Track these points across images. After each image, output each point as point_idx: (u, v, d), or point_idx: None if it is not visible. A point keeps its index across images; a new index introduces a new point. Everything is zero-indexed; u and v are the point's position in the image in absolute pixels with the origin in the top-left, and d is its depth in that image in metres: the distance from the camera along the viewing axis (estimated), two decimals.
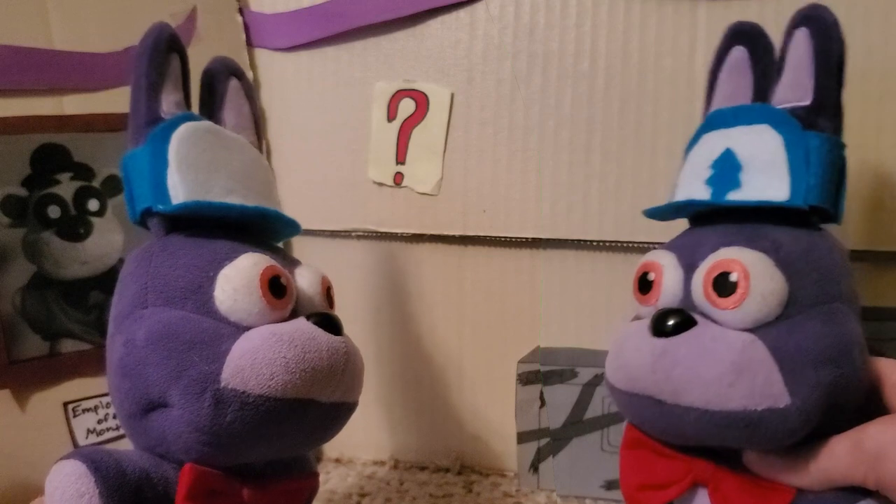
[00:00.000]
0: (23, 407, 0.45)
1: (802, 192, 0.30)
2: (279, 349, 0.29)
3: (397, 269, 0.54)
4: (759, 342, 0.28)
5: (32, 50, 0.44)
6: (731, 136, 0.32)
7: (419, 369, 0.55)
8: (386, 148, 0.52)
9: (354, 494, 0.51)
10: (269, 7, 0.54)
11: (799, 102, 0.31)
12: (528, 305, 0.52)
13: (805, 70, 0.31)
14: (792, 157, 0.30)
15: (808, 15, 0.32)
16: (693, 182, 0.33)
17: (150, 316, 0.30)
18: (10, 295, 0.44)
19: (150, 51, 0.33)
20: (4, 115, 0.44)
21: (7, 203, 0.44)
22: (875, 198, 0.44)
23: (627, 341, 0.32)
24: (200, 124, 0.33)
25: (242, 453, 0.30)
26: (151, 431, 0.30)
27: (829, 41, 0.31)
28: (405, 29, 0.51)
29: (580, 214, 0.49)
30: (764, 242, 0.30)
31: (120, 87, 0.47)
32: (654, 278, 0.32)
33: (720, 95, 0.36)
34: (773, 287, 0.28)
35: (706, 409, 0.28)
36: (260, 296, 0.30)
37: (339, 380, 0.32)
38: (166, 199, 0.31)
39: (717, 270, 0.29)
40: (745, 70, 0.35)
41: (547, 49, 0.48)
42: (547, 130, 0.49)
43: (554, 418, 0.50)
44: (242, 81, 0.39)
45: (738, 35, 0.35)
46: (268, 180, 0.37)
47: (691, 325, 0.29)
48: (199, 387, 0.28)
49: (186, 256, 0.31)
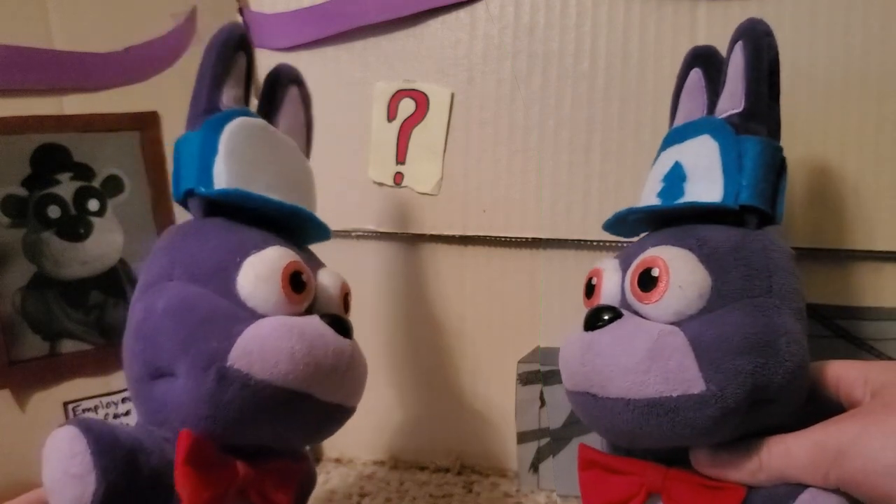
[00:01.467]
0: (23, 407, 0.45)
1: (734, 194, 0.31)
2: (288, 339, 0.30)
3: (397, 269, 0.54)
4: (678, 332, 0.29)
5: (32, 50, 0.45)
6: (681, 150, 0.34)
7: (419, 369, 0.55)
8: (386, 148, 0.52)
9: (354, 494, 0.51)
10: (269, 7, 0.54)
11: (734, 110, 0.33)
12: (528, 305, 0.52)
13: (739, 80, 0.33)
14: (726, 161, 0.32)
15: (744, 28, 0.34)
16: (648, 197, 0.35)
17: (173, 288, 0.31)
18: (11, 295, 0.44)
19: (220, 46, 0.35)
20: (4, 115, 0.44)
21: (7, 203, 0.44)
22: (875, 198, 0.44)
23: (567, 340, 0.33)
24: (254, 121, 0.35)
25: (236, 434, 0.31)
26: (155, 397, 0.31)
27: (759, 50, 0.33)
28: (405, 29, 0.51)
29: (580, 214, 0.49)
30: (690, 240, 0.31)
31: (120, 87, 0.48)
32: (595, 282, 0.34)
33: (680, 116, 0.38)
34: (692, 279, 0.29)
35: (628, 398, 0.29)
36: (280, 287, 0.31)
37: (341, 380, 0.32)
38: (210, 183, 0.33)
39: (642, 267, 0.31)
40: (701, 90, 0.37)
41: (547, 49, 0.48)
42: (547, 130, 0.49)
43: (554, 418, 0.50)
44: (301, 89, 0.41)
45: (696, 58, 0.38)
46: (309, 185, 0.39)
47: (618, 317, 0.30)
48: (206, 361, 0.29)
49: (217, 239, 0.33)
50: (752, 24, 0.34)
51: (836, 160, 0.44)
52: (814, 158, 0.44)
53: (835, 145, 0.44)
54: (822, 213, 0.44)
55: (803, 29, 0.44)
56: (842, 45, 0.44)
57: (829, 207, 0.44)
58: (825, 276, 0.46)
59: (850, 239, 0.44)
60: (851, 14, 0.43)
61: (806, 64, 0.44)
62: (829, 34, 0.44)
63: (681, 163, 0.34)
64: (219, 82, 0.35)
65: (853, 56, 0.44)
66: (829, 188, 0.44)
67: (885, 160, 0.44)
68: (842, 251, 0.45)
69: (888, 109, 0.43)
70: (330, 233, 0.38)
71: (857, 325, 0.45)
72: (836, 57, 0.44)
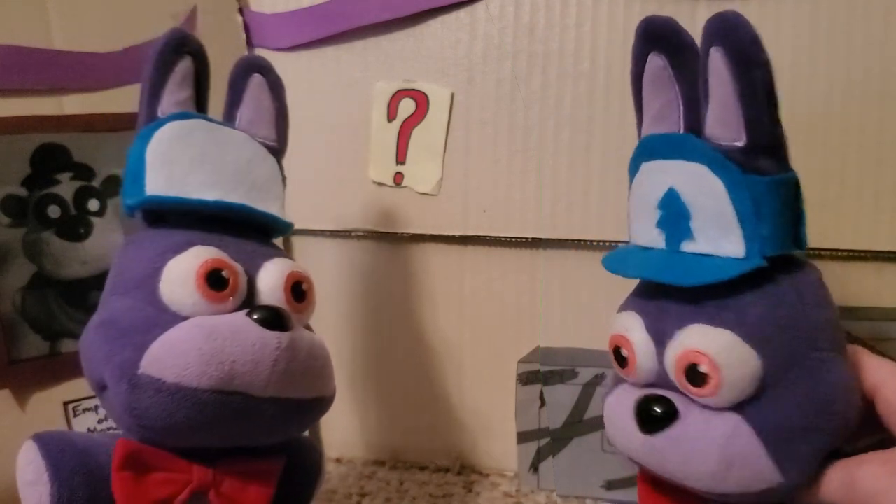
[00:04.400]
0: (23, 407, 0.45)
1: (758, 247, 0.28)
2: (196, 340, 0.29)
3: (397, 269, 0.54)
4: (742, 425, 0.28)
5: (32, 50, 0.44)
6: (669, 171, 0.30)
7: (419, 369, 0.55)
8: (386, 148, 0.52)
9: (354, 494, 0.51)
10: (269, 7, 0.54)
11: (733, 143, 0.28)
12: (528, 305, 0.52)
13: (731, 107, 0.28)
14: (739, 206, 0.28)
15: (720, 32, 0.28)
16: (645, 224, 0.31)
17: (108, 304, 0.32)
18: (11, 295, 0.44)
19: (156, 53, 0.35)
20: (4, 115, 0.44)
21: (7, 203, 0.44)
22: (875, 198, 0.44)
23: (617, 421, 0.31)
24: (188, 122, 0.34)
25: (175, 437, 0.31)
26: (107, 408, 0.33)
27: (749, 70, 0.27)
28: (405, 29, 0.51)
29: (580, 214, 0.49)
30: (728, 315, 0.28)
31: (120, 87, 0.47)
32: (627, 355, 0.31)
33: (650, 114, 0.32)
34: (743, 372, 0.27)
35: (706, 490, 0.28)
36: (195, 287, 0.31)
37: (269, 375, 0.31)
38: (140, 193, 0.33)
39: (686, 361, 0.28)
40: (669, 82, 0.31)
41: (547, 49, 0.48)
42: (547, 130, 0.49)
43: (554, 418, 0.50)
44: (268, 77, 0.39)
45: (654, 40, 0.31)
46: (268, 175, 0.37)
47: (674, 415, 0.29)
48: (121, 371, 0.29)
49: (147, 248, 0.33)
50: (728, 26, 0.28)
51: (837, 160, 0.44)
52: (814, 159, 0.44)
53: (835, 145, 0.44)
54: (822, 213, 0.44)
55: (804, 29, 0.44)
56: (843, 45, 0.44)
57: (829, 207, 0.44)
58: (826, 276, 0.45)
59: (850, 239, 0.44)
60: (852, 14, 0.43)
61: (806, 64, 0.44)
62: (829, 34, 0.44)
63: (676, 191, 0.30)
64: (155, 92, 0.35)
65: (854, 56, 0.44)
66: (829, 188, 0.44)
67: (886, 160, 0.44)
68: (842, 251, 0.45)
69: (889, 109, 0.43)
70: (288, 224, 0.37)
71: (857, 325, 0.45)
72: (837, 57, 0.44)
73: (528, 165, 0.49)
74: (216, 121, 0.36)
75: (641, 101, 0.33)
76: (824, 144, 0.44)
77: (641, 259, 0.31)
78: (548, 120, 0.49)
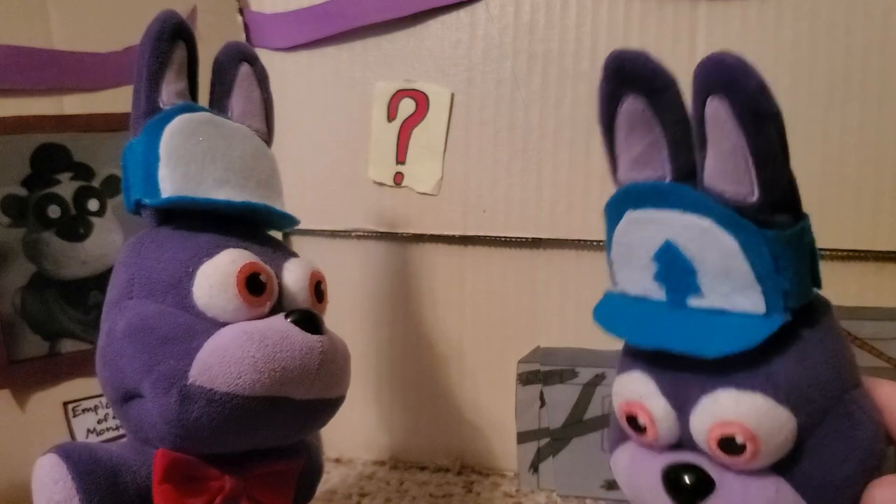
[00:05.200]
0: (23, 407, 0.45)
1: (780, 302, 0.26)
2: (248, 348, 0.29)
3: (397, 269, 0.54)
4: (784, 486, 0.26)
5: (32, 50, 0.44)
6: (664, 222, 0.27)
7: (419, 369, 0.55)
8: (386, 148, 0.52)
9: (354, 494, 0.51)
10: (269, 7, 0.54)
11: (744, 199, 0.26)
12: (528, 305, 0.52)
13: (740, 163, 0.25)
14: (756, 262, 0.26)
15: (724, 82, 0.25)
16: (636, 274, 0.29)
17: (133, 307, 0.31)
18: (10, 295, 0.44)
19: (153, 40, 0.33)
20: (4, 115, 0.44)
21: (7, 203, 0.44)
22: (875, 198, 0.44)
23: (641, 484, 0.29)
24: (196, 116, 0.33)
25: (215, 445, 0.30)
26: (131, 418, 0.31)
27: (762, 124, 0.25)
28: (405, 29, 0.51)
29: (580, 214, 0.49)
30: (758, 379, 0.26)
31: (120, 87, 0.47)
32: (644, 423, 0.28)
33: (628, 157, 0.29)
34: (782, 438, 0.26)
35: None
36: (236, 293, 0.30)
37: (314, 378, 0.31)
38: (156, 192, 0.32)
39: (720, 433, 0.26)
40: (650, 125, 0.28)
41: (547, 49, 0.48)
42: (547, 130, 0.49)
43: (554, 418, 0.50)
44: (255, 67, 0.38)
45: (628, 81, 0.27)
46: (270, 170, 0.37)
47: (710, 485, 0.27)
48: (168, 382, 0.29)
49: (171, 249, 0.31)
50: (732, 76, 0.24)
51: (837, 160, 0.44)
52: (814, 158, 0.44)
53: (835, 145, 0.44)
54: (822, 213, 0.44)
55: (804, 28, 0.44)
56: (842, 45, 0.44)
57: (829, 207, 0.44)
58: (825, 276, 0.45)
59: (850, 239, 0.44)
60: (852, 13, 0.43)
61: (806, 64, 0.44)
62: (829, 34, 0.44)
63: (676, 246, 0.27)
64: (156, 80, 0.33)
65: (854, 55, 0.44)
66: (829, 188, 0.44)
67: (886, 160, 0.44)
68: (842, 251, 0.45)
69: (889, 109, 0.43)
70: (296, 219, 0.37)
71: (857, 325, 0.45)
72: (836, 56, 0.44)
73: (528, 165, 0.49)
74: (218, 114, 0.35)
75: (614, 144, 0.29)
76: (824, 144, 0.44)
77: (642, 315, 0.29)
78: (548, 120, 0.49)
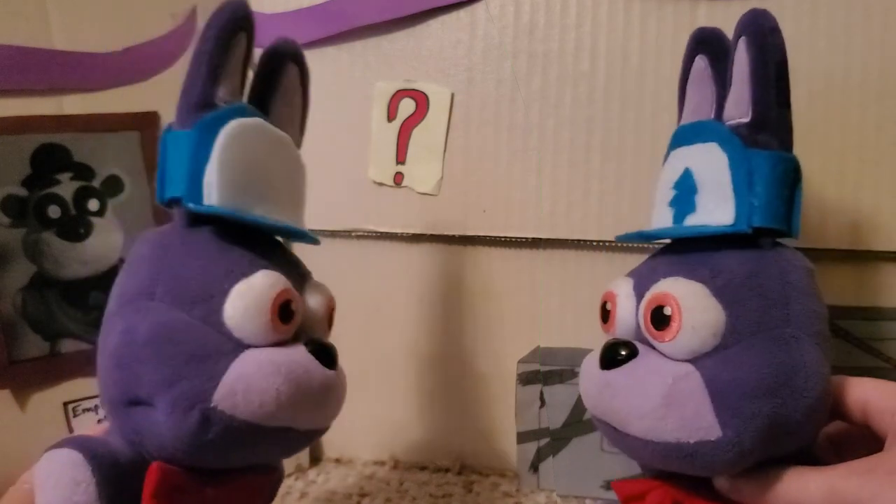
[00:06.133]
0: (23, 407, 0.45)
1: (746, 216, 0.29)
2: (275, 380, 0.29)
3: (397, 269, 0.54)
4: (694, 374, 0.28)
5: (32, 50, 0.44)
6: (690, 154, 0.32)
7: (419, 369, 0.55)
8: (386, 148, 0.52)
9: (354, 494, 0.51)
10: (269, 7, 0.54)
11: (742, 119, 0.30)
12: (528, 305, 0.51)
13: (745, 84, 0.30)
14: (736, 177, 0.30)
15: (746, 23, 0.30)
16: (661, 204, 0.34)
17: (156, 312, 0.29)
18: (11, 295, 0.44)
19: (220, 30, 0.31)
20: (4, 115, 0.44)
21: (7, 203, 0.44)
22: (875, 198, 0.44)
23: (585, 368, 0.33)
24: (251, 122, 0.32)
25: (213, 463, 0.30)
26: (130, 422, 0.30)
27: (764, 52, 0.30)
28: (405, 29, 0.51)
29: (580, 214, 0.49)
30: (702, 271, 0.29)
31: (120, 87, 0.48)
32: (610, 308, 0.33)
33: (688, 109, 0.35)
34: (705, 319, 0.28)
35: (646, 439, 0.29)
36: (269, 319, 0.30)
37: (322, 411, 0.32)
38: (199, 195, 0.30)
39: (654, 304, 0.29)
40: (707, 80, 0.34)
41: (547, 49, 0.48)
42: (547, 130, 0.49)
43: (554, 418, 0.50)
44: (301, 68, 0.37)
45: (700, 43, 0.35)
46: (301, 183, 0.37)
47: (633, 355, 0.30)
48: (190, 401, 0.28)
49: (204, 259, 0.30)
50: (754, 17, 0.30)
51: (837, 160, 0.44)
52: (814, 158, 0.44)
53: (835, 145, 0.44)
54: (822, 213, 0.44)
55: (803, 28, 0.44)
56: (842, 45, 0.44)
57: (829, 207, 0.44)
58: (826, 276, 0.45)
59: (850, 239, 0.44)
60: (851, 13, 0.43)
61: (806, 64, 0.44)
62: (829, 34, 0.44)
63: (691, 171, 0.32)
64: (216, 73, 0.31)
65: (853, 56, 0.44)
66: (829, 188, 0.44)
67: (886, 160, 0.44)
68: (842, 251, 0.45)
69: (888, 109, 0.43)
70: (317, 240, 0.37)
71: (857, 325, 0.45)
72: (836, 56, 0.44)
73: (528, 165, 0.49)
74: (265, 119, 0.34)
75: (684, 101, 0.36)
76: (824, 144, 0.44)
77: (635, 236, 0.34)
78: (548, 120, 0.49)
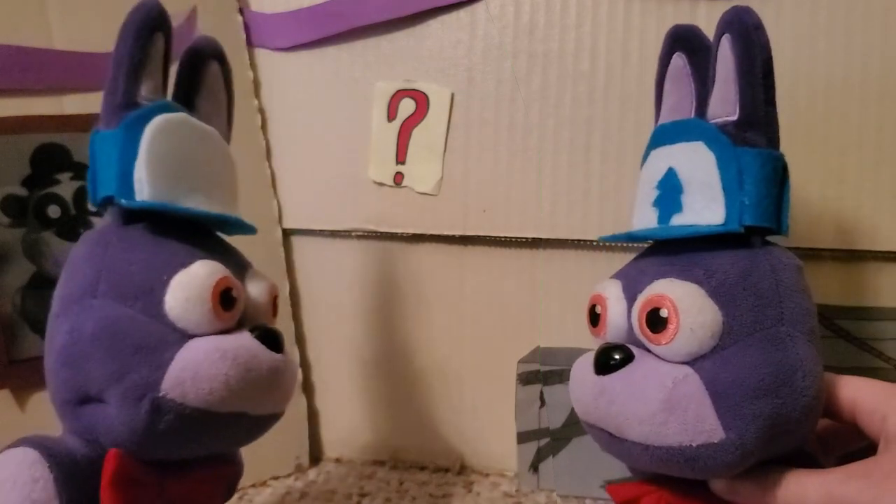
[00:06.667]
0: (22, 407, 0.45)
1: (737, 215, 0.29)
2: (222, 366, 0.29)
3: (397, 269, 0.54)
4: (693, 376, 0.28)
5: (32, 50, 0.44)
6: (673, 154, 0.32)
7: (419, 369, 0.55)
8: (386, 148, 0.52)
9: (354, 494, 0.51)
10: (269, 7, 0.54)
11: (728, 118, 0.30)
12: (528, 305, 0.51)
13: (731, 83, 0.30)
14: (725, 176, 0.29)
15: (730, 20, 0.30)
16: (643, 204, 0.33)
17: (100, 309, 0.30)
18: (10, 295, 0.44)
19: (137, 29, 0.32)
20: (4, 115, 0.44)
21: (7, 203, 0.44)
22: (875, 198, 0.44)
23: (576, 373, 0.32)
24: (175, 117, 0.33)
25: (169, 454, 0.31)
26: (83, 420, 0.30)
27: (749, 49, 0.29)
28: (405, 29, 0.51)
29: (580, 214, 0.49)
30: (696, 271, 0.29)
31: None
32: (600, 311, 0.32)
33: (666, 107, 0.35)
34: (702, 320, 0.28)
35: (646, 444, 0.28)
36: (210, 307, 0.30)
37: (273, 395, 0.33)
38: (130, 192, 0.31)
39: (650, 306, 0.29)
40: (686, 78, 0.34)
41: (547, 49, 0.48)
42: (547, 130, 0.49)
43: (554, 418, 0.50)
44: (223, 66, 0.38)
45: (677, 41, 0.34)
46: (232, 175, 0.37)
47: (629, 359, 0.29)
48: (139, 392, 0.28)
49: (143, 253, 0.31)
50: (738, 14, 0.30)
51: (836, 160, 0.44)
52: (814, 159, 0.44)
53: (835, 145, 0.44)
54: (822, 213, 0.44)
55: (803, 29, 0.44)
56: (842, 45, 0.44)
57: (829, 207, 0.44)
58: (826, 276, 0.46)
59: (850, 239, 0.44)
60: (851, 14, 0.43)
61: (806, 64, 0.44)
62: (829, 34, 0.44)
63: (675, 170, 0.31)
64: (137, 73, 0.32)
65: (853, 56, 0.44)
66: (829, 188, 0.44)
67: (886, 160, 0.44)
68: (842, 251, 0.45)
69: (888, 109, 0.43)
70: (254, 229, 0.37)
71: (857, 325, 0.45)
72: (836, 56, 0.44)
73: (528, 165, 0.49)
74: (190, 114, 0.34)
75: (660, 100, 0.35)
76: (824, 144, 0.44)
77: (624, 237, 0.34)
78: (548, 120, 0.49)
